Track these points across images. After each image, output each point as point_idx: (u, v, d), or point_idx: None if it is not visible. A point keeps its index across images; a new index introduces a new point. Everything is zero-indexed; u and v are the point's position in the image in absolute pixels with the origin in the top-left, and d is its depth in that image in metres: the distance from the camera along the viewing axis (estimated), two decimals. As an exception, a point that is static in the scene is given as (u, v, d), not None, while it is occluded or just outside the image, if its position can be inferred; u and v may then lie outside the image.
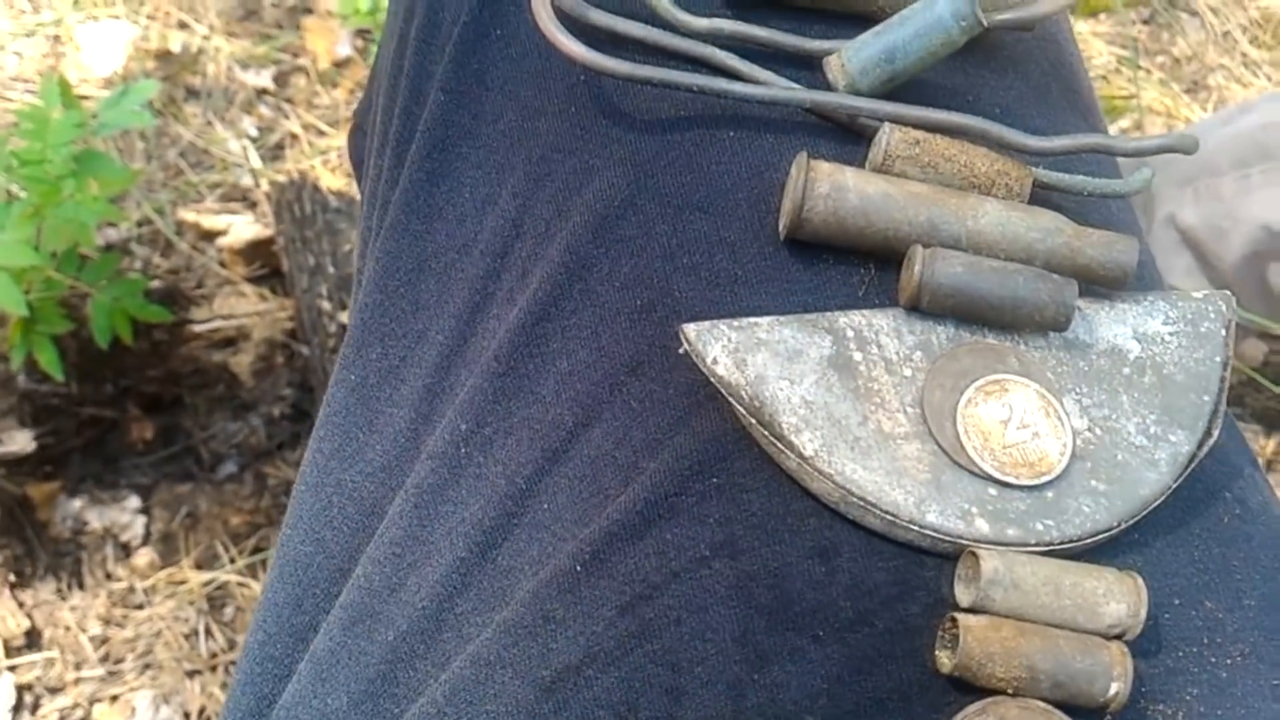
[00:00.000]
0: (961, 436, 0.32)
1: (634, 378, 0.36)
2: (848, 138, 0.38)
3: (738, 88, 0.37)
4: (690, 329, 0.34)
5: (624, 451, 0.35)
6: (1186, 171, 1.04)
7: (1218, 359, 0.35)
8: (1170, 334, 0.35)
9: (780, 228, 0.36)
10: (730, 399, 0.33)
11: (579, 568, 0.33)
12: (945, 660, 0.31)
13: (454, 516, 0.36)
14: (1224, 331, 0.35)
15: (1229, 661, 0.33)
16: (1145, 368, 0.34)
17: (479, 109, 0.41)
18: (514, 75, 0.41)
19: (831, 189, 0.34)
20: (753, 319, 0.34)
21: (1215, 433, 0.34)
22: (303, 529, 0.39)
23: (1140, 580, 0.31)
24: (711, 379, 0.33)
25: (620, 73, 0.37)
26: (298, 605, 0.39)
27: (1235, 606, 0.34)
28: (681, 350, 0.34)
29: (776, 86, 0.38)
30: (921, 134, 0.36)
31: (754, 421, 0.33)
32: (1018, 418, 0.33)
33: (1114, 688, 0.30)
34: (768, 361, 0.33)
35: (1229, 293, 0.36)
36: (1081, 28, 1.53)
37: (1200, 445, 0.34)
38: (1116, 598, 0.31)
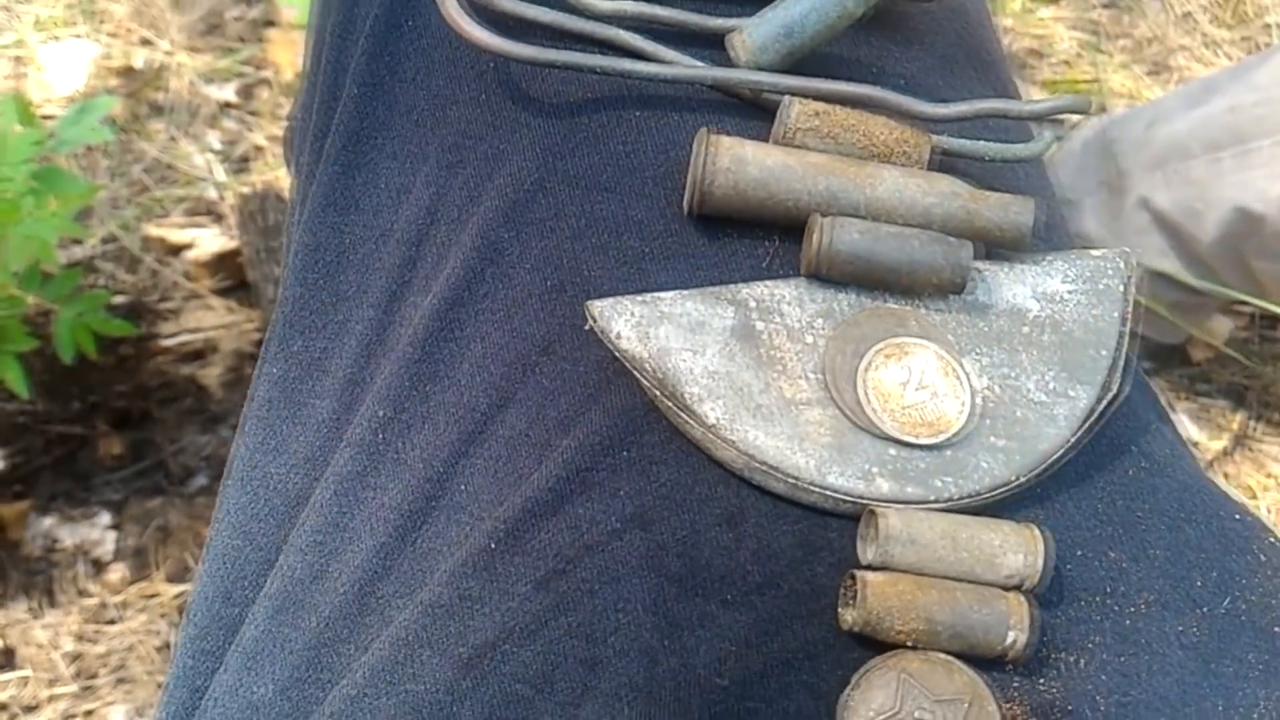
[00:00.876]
0: (862, 399, 0.33)
1: (547, 357, 0.36)
2: (753, 113, 0.38)
3: (642, 68, 0.38)
4: (595, 305, 0.34)
5: (538, 430, 0.36)
6: (1157, 154, 1.04)
7: (1116, 314, 0.35)
8: (1069, 292, 0.35)
9: (685, 203, 0.36)
10: (635, 372, 0.34)
11: (495, 546, 0.34)
12: (847, 617, 0.31)
13: (374, 502, 0.37)
14: (1123, 288, 0.36)
15: (1133, 610, 0.33)
16: (1045, 326, 0.35)
17: (392, 100, 0.41)
18: (425, 65, 0.41)
19: (732, 162, 0.35)
20: (657, 294, 0.34)
21: (1115, 387, 0.34)
22: (230, 522, 0.40)
23: (1039, 531, 0.32)
24: (617, 353, 0.34)
25: (526, 57, 0.38)
26: (227, 597, 0.39)
27: (1140, 556, 0.34)
28: (588, 326, 0.34)
29: (680, 65, 0.38)
30: (822, 106, 0.36)
31: (659, 393, 0.33)
32: (917, 379, 0.33)
33: (1012, 636, 0.30)
34: (671, 334, 0.34)
35: (1128, 249, 0.36)
36: (1043, 14, 1.54)
37: (1100, 400, 0.34)
38: (1014, 549, 0.31)
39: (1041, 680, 0.32)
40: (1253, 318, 1.26)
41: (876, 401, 0.33)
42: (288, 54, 1.34)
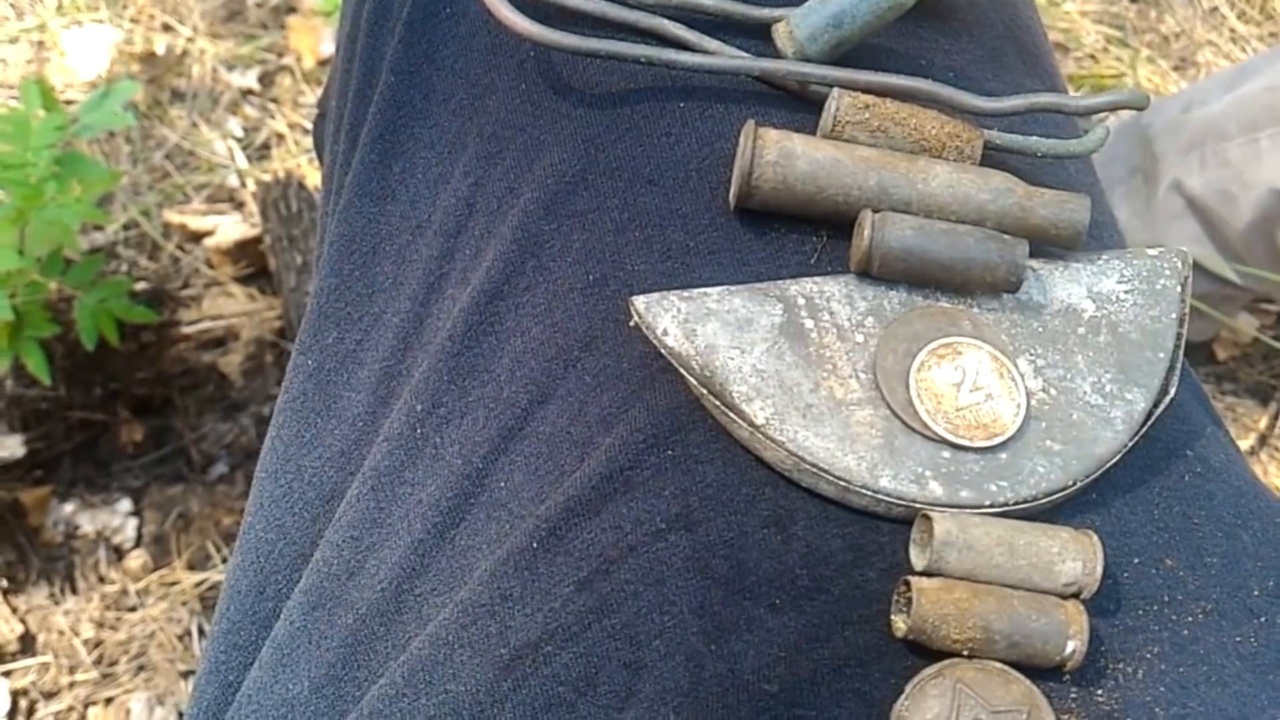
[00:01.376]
0: (914, 400, 0.32)
1: (588, 353, 0.36)
2: (799, 105, 0.38)
3: (686, 58, 0.37)
4: (639, 301, 0.33)
5: (579, 427, 0.35)
6: (1191, 137, 1.03)
7: (1173, 315, 0.34)
8: (1125, 292, 0.35)
9: (730, 197, 0.36)
10: (681, 370, 0.33)
11: (536, 545, 0.33)
12: (900, 624, 0.31)
13: (411, 498, 0.36)
14: (1179, 288, 0.35)
15: (1190, 619, 0.32)
16: (1100, 327, 0.34)
17: (429, 89, 0.41)
18: (463, 53, 0.40)
19: (779, 156, 0.34)
20: (703, 289, 0.33)
21: (1172, 390, 0.34)
22: (264, 516, 0.39)
23: (1096, 538, 0.31)
24: (662, 350, 0.33)
25: (568, 46, 0.37)
26: (260, 592, 0.38)
27: (1197, 564, 0.33)
28: (632, 323, 0.34)
29: (725, 56, 0.37)
30: (871, 98, 0.35)
31: (705, 392, 0.33)
32: (970, 380, 0.32)
33: (1071, 646, 0.30)
34: (718, 331, 0.33)
35: (1184, 250, 0.35)
36: (1069, 7, 1.53)
37: (1157, 403, 0.33)
38: (1072, 556, 0.30)
39: (1099, 691, 0.31)
40: (1279, 317, 1.24)
41: (929, 403, 0.32)
42: (309, 40, 1.34)
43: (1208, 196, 1.00)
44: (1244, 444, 1.16)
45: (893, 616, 0.31)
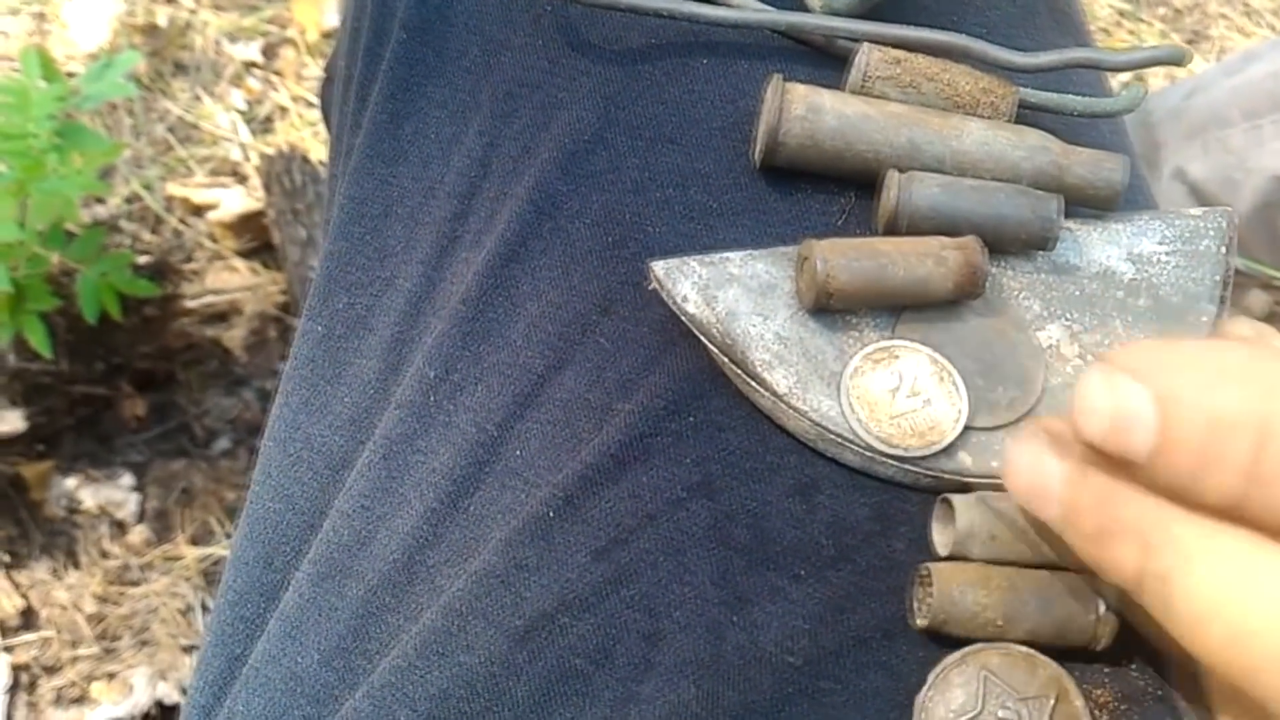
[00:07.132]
0: (845, 409, 0.31)
1: (606, 317, 0.34)
2: (825, 61, 0.36)
3: (708, 11, 0.35)
4: (659, 266, 0.32)
5: (597, 393, 0.34)
6: (1194, 123, 1.02)
7: (1216, 278, 0.33)
8: (1166, 254, 0.33)
9: (755, 154, 0.34)
10: (701, 336, 0.32)
11: (552, 514, 0.32)
12: (919, 622, 0.29)
13: (424, 466, 0.35)
14: (1223, 250, 0.33)
15: None
16: (1139, 290, 0.33)
17: (443, 46, 0.39)
18: (478, 9, 0.39)
19: (807, 110, 0.33)
20: (724, 254, 0.32)
21: (1213, 356, 0.32)
22: (271, 485, 0.38)
23: None
24: (681, 317, 0.32)
25: None
26: (268, 563, 0.37)
27: None
28: (650, 287, 0.32)
29: (749, 9, 0.36)
30: (901, 53, 0.34)
31: (726, 360, 0.31)
32: (908, 386, 0.31)
33: (1100, 626, 0.28)
34: (739, 297, 0.32)
35: (1229, 208, 0.34)
36: (1082, -18, 1.51)
37: (1197, 369, 0.32)
38: None
39: (1132, 665, 0.30)
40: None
41: (861, 410, 0.31)
42: (312, 13, 1.32)
43: (1210, 183, 1.00)
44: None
45: (912, 612, 0.30)
